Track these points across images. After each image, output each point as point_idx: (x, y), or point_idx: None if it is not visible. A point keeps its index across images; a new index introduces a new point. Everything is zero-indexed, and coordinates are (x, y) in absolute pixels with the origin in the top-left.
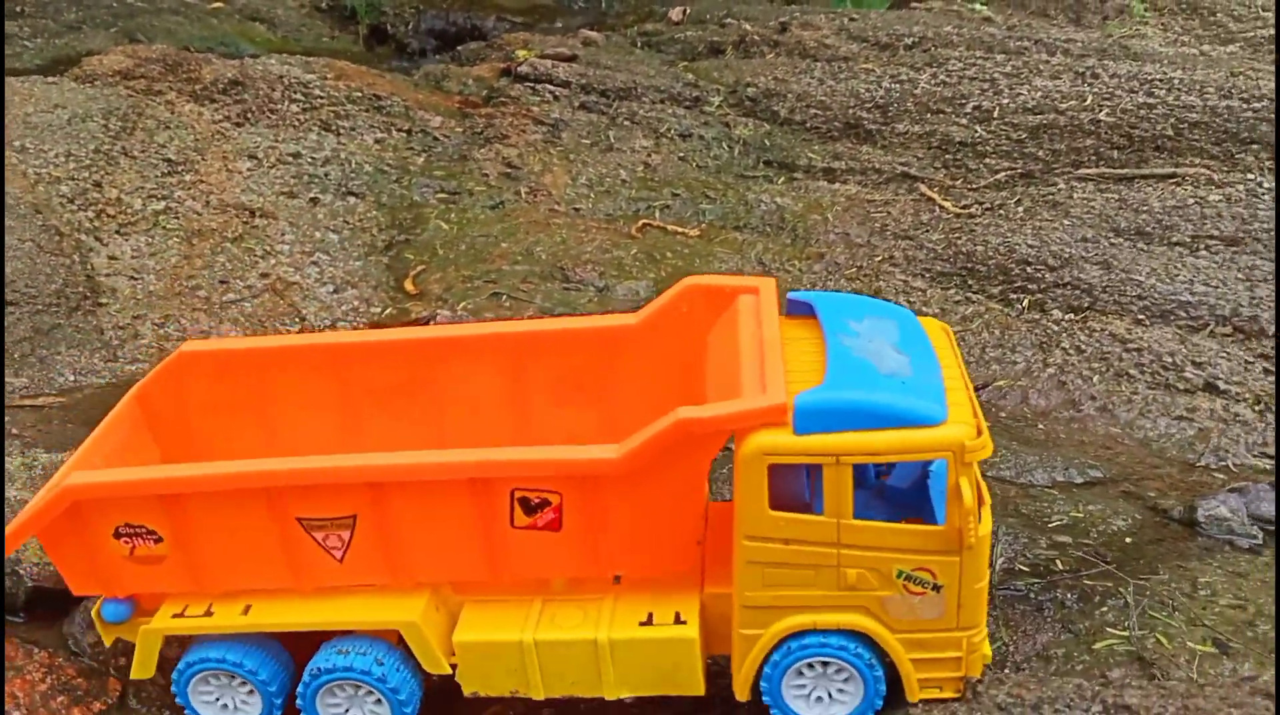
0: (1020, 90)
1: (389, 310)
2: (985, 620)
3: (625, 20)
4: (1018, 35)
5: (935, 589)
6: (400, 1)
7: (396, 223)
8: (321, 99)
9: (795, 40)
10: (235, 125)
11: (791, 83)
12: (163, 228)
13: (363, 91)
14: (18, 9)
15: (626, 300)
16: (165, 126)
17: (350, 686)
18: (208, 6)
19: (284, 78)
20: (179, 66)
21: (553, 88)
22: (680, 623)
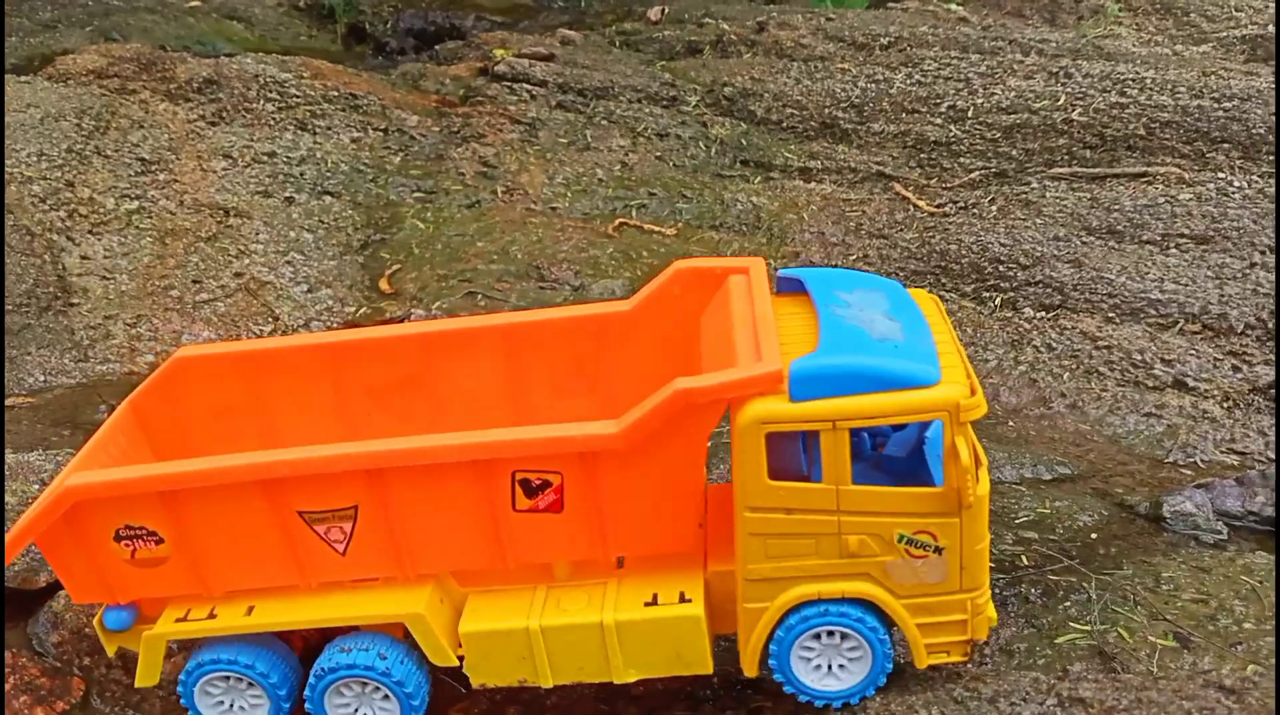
0: (994, 90)
1: (363, 309)
2: (988, 582)
3: (604, 19)
4: (992, 35)
5: (937, 551)
6: (379, 0)
7: (372, 222)
8: (298, 98)
9: (772, 40)
10: (210, 124)
11: (768, 82)
12: (136, 227)
13: (339, 91)
14: None
15: (603, 299)
16: (139, 126)
17: (357, 685)
18: (185, 5)
19: (259, 77)
20: (153, 65)
21: (530, 87)
22: (685, 601)
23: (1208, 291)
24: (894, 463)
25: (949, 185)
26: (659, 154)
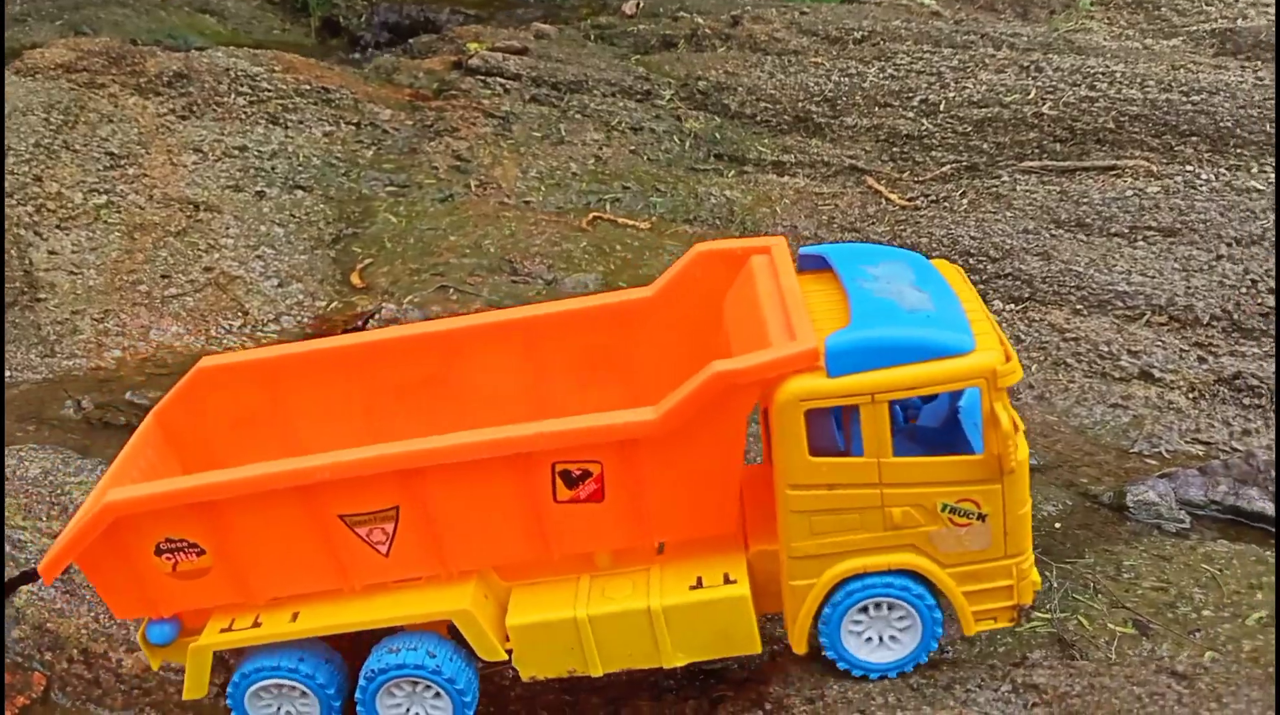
0: (966, 84)
1: (334, 304)
2: (1031, 546)
3: (579, 13)
4: (964, 29)
5: (980, 519)
6: None
7: (344, 216)
8: (269, 92)
9: (746, 34)
10: (180, 118)
11: (742, 76)
12: (104, 222)
13: (311, 84)
14: None
15: (576, 293)
16: (108, 120)
17: (407, 685)
18: None
19: (230, 70)
20: (122, 59)
21: (504, 80)
22: (730, 582)
23: (1174, 283)
24: (928, 434)
25: (921, 179)
26: (633, 148)
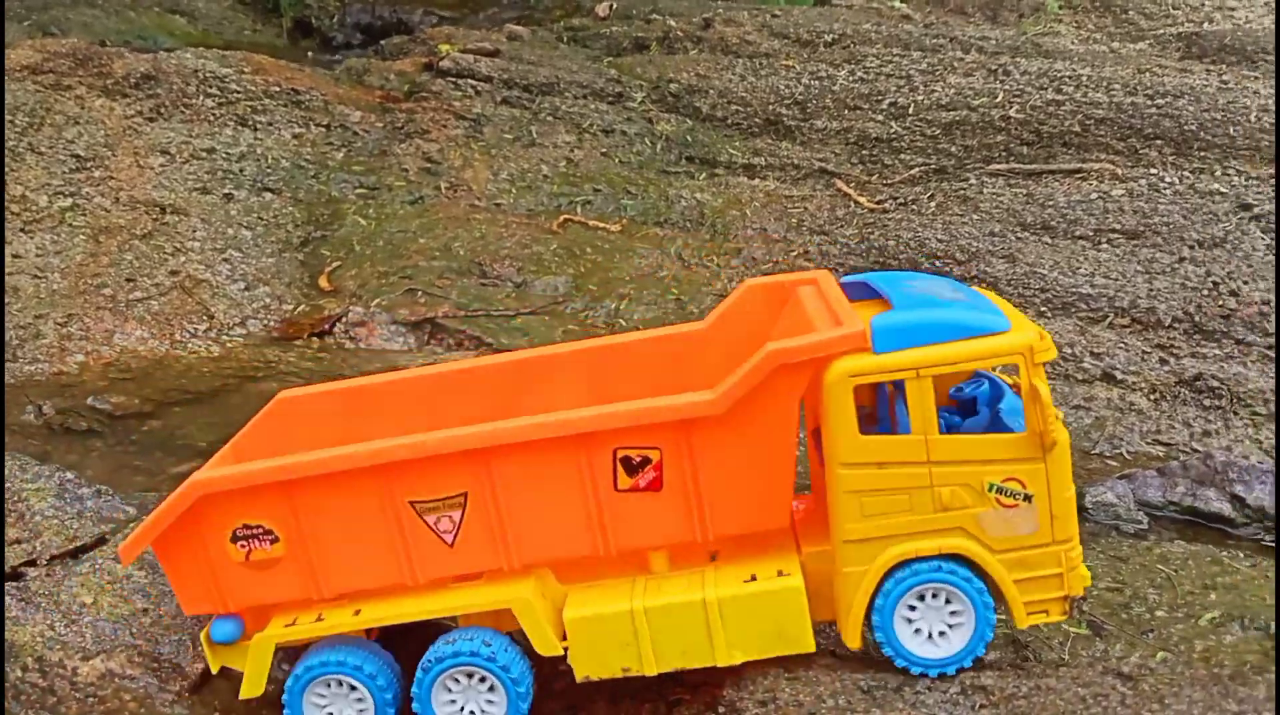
0: (935, 87)
1: (301, 307)
2: (1078, 535)
3: (552, 15)
4: (934, 33)
5: (1026, 499)
6: None
7: (313, 218)
8: (238, 93)
9: (718, 36)
10: (148, 120)
11: (714, 79)
12: (69, 225)
13: (281, 86)
14: None
15: (545, 296)
16: (74, 122)
17: (463, 677)
18: None
19: (199, 72)
20: (89, 61)
21: (475, 82)
22: (784, 575)
23: (1137, 286)
24: (957, 413)
25: (889, 182)
26: (604, 150)
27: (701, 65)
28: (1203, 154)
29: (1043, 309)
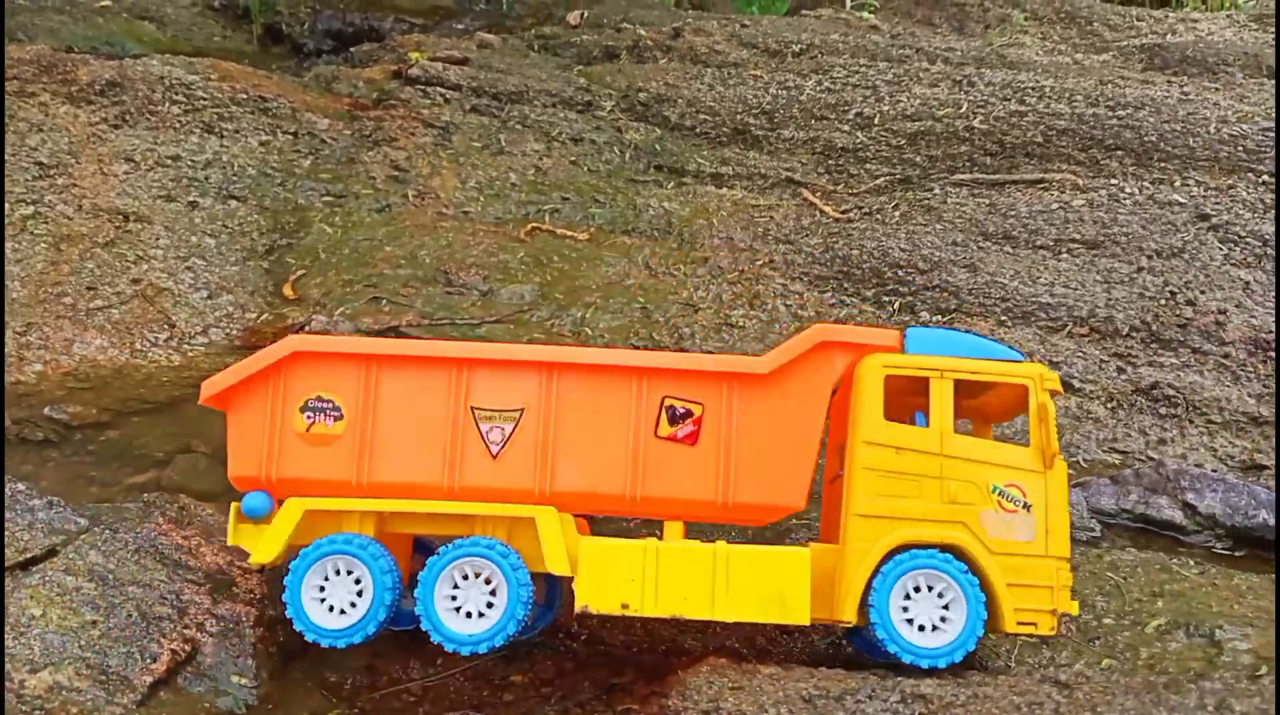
0: (900, 98)
1: (265, 316)
2: (1070, 559)
3: (524, 23)
4: (901, 44)
5: (1026, 508)
6: (295, 1)
7: (279, 226)
8: (204, 100)
9: (687, 46)
10: (112, 127)
11: (682, 88)
12: (30, 233)
13: (248, 93)
14: None
15: (511, 304)
16: (38, 129)
17: (470, 573)
18: (94, 5)
19: (165, 79)
20: (54, 67)
21: (444, 90)
22: (794, 547)
23: (1096, 295)
24: None
25: (855, 191)
26: (573, 159)
27: (671, 74)
28: (1162, 165)
29: (1003, 318)
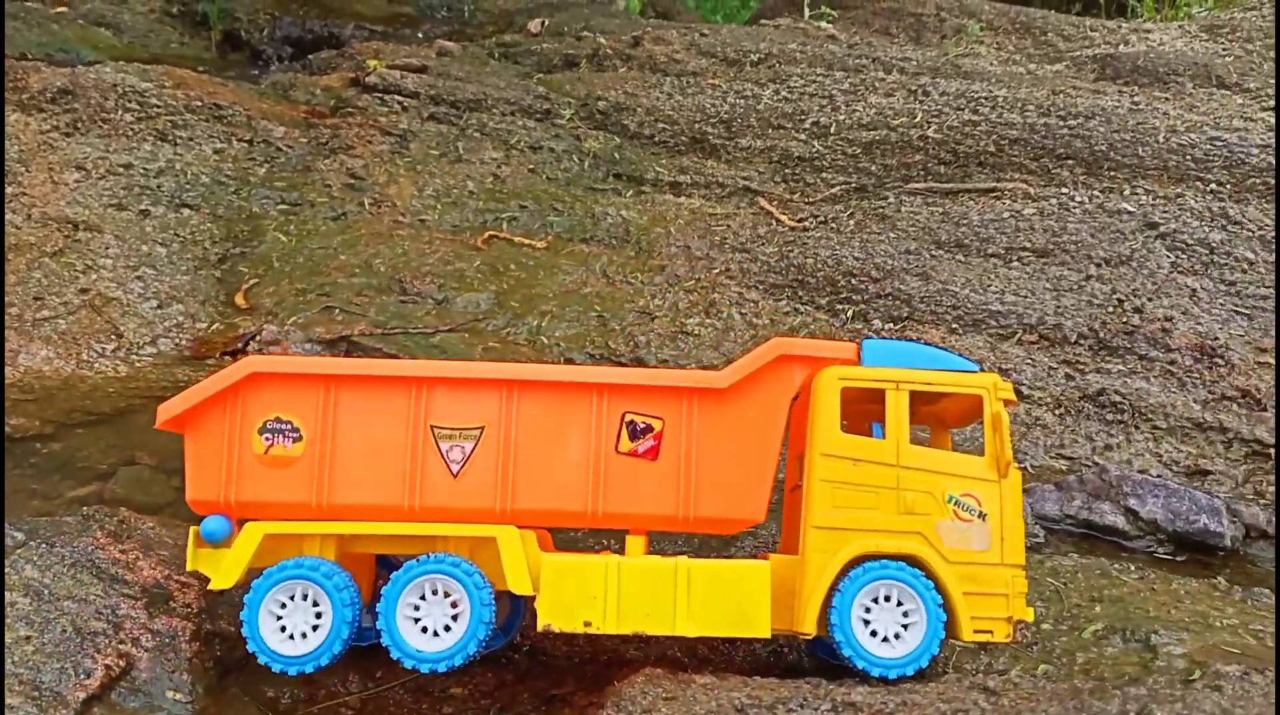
0: (856, 107)
1: (215, 325)
2: (1024, 566)
3: (485, 30)
4: (857, 53)
5: (981, 517)
6: (255, 7)
7: (232, 235)
8: (158, 108)
9: (647, 54)
10: (64, 135)
11: (641, 97)
12: None
13: (203, 101)
14: None
15: (466, 313)
16: None
17: (429, 592)
18: (49, 11)
19: (118, 86)
20: (5, 75)
21: (402, 98)
22: (754, 560)
23: (1045, 303)
24: None
25: (811, 200)
26: (531, 167)
27: (630, 83)
28: (1112, 173)
29: (954, 326)
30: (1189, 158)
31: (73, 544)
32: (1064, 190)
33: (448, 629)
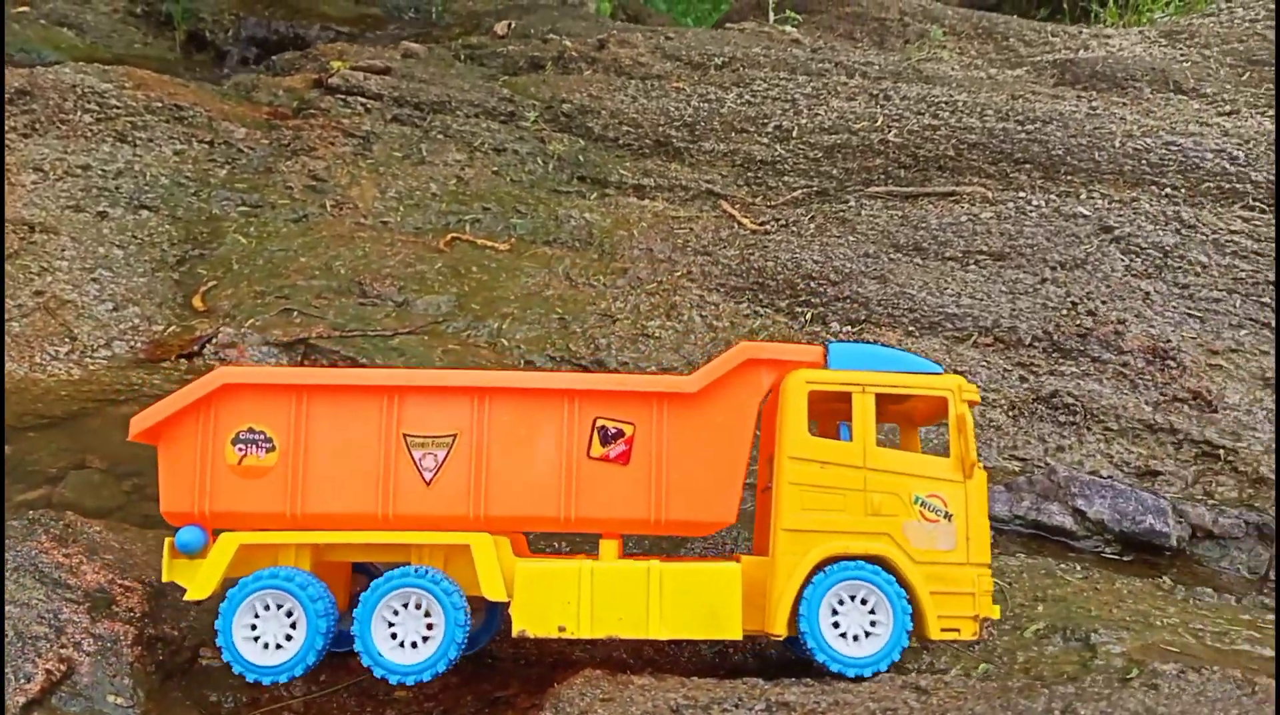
0: (818, 111)
1: (172, 328)
2: (990, 565)
3: (451, 32)
4: (821, 57)
5: (947, 518)
6: (219, 8)
7: (191, 237)
8: (118, 109)
9: (612, 57)
10: (21, 137)
11: (606, 99)
12: None
13: (163, 101)
14: None
15: (426, 315)
16: None
17: (401, 607)
18: (11, 11)
19: (77, 87)
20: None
21: (365, 100)
22: (725, 563)
23: (1000, 306)
24: None
25: (773, 203)
26: (495, 169)
27: (594, 86)
28: (1069, 178)
29: (910, 329)
30: (1144, 162)
31: (16, 548)
32: (1021, 194)
33: (424, 640)
